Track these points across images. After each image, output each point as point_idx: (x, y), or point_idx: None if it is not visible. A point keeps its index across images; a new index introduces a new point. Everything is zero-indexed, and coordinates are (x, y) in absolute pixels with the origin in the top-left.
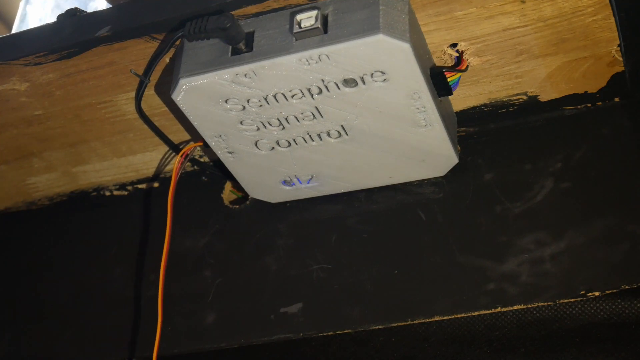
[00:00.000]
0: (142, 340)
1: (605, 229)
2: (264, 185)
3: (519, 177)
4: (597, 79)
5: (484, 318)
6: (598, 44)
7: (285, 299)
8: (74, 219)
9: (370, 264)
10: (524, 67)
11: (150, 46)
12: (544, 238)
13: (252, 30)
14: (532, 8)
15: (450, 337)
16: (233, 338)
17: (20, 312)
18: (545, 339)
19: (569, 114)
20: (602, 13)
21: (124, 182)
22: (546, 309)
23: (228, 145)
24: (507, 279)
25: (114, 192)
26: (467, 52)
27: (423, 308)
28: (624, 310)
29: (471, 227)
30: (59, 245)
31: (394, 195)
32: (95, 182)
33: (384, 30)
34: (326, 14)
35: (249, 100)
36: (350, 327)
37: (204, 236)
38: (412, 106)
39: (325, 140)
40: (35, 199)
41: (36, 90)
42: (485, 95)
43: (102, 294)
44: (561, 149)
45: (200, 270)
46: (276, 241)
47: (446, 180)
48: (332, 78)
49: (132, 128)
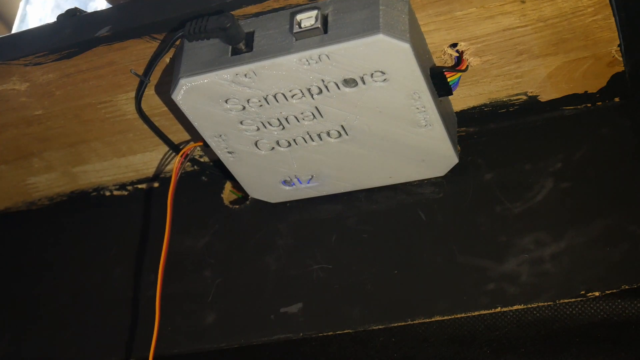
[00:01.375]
0: (142, 341)
1: (605, 229)
2: (264, 185)
3: (519, 177)
4: (597, 79)
5: (484, 318)
6: (598, 44)
7: (285, 299)
8: (74, 219)
9: (370, 264)
10: (524, 67)
11: (150, 46)
12: (544, 238)
13: (252, 30)
14: (532, 8)
15: (450, 337)
16: (233, 338)
17: (20, 312)
18: (545, 339)
19: (569, 114)
20: (602, 13)
21: (124, 182)
22: (546, 309)
23: (228, 145)
24: (507, 279)
25: (114, 192)
26: (467, 52)
27: (423, 308)
28: (624, 310)
29: (471, 227)
30: (59, 245)
31: (394, 195)
32: (95, 182)
33: (384, 30)
34: (326, 14)
35: (249, 100)
36: (350, 327)
37: (204, 236)
38: (412, 106)
39: (325, 140)
40: (35, 199)
41: (36, 90)
42: (485, 95)
43: (101, 294)
44: (561, 149)
45: (200, 270)
46: (276, 241)
47: (446, 180)
48: (332, 78)
49: (132, 128)
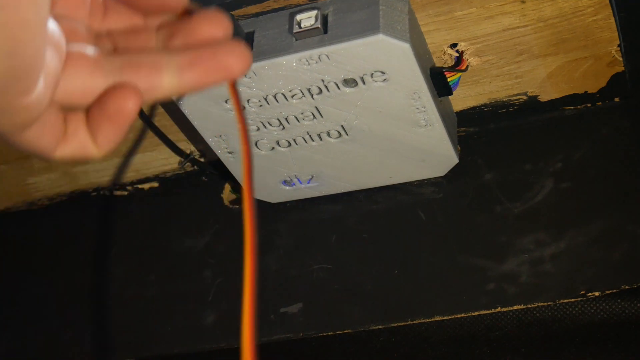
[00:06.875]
0: (142, 341)
1: (605, 229)
2: (264, 185)
3: (519, 177)
4: (597, 79)
5: (484, 318)
6: (598, 44)
7: (285, 299)
8: (74, 219)
9: (370, 264)
10: (524, 67)
11: None
12: (544, 238)
13: (252, 30)
14: (532, 8)
15: (450, 337)
16: (233, 338)
17: (20, 312)
18: (545, 339)
19: (569, 114)
20: (602, 13)
21: (124, 182)
22: (546, 309)
23: (228, 145)
24: (507, 279)
25: (114, 192)
26: (467, 52)
27: (423, 308)
28: (624, 310)
29: (471, 227)
30: (59, 245)
31: (394, 195)
32: (95, 182)
33: (384, 30)
34: (326, 14)
35: (249, 100)
36: (350, 327)
37: (204, 236)
38: (412, 106)
39: (325, 140)
40: (35, 199)
41: None
42: (485, 95)
43: (101, 294)
44: (561, 149)
45: (200, 270)
46: (276, 241)
47: (446, 180)
48: (332, 78)
49: (132, 128)
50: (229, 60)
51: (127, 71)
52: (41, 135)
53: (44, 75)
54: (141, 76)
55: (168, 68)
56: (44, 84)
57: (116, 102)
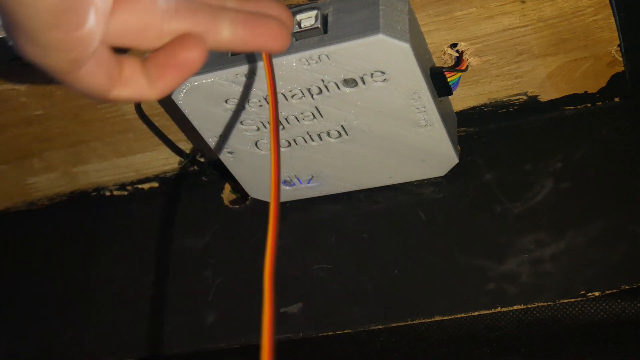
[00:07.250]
0: (142, 340)
1: (605, 229)
2: (264, 185)
3: (519, 177)
4: (597, 79)
5: (484, 318)
6: (598, 44)
7: (285, 299)
8: (74, 219)
9: (370, 264)
10: (524, 67)
11: None
12: (544, 238)
13: None
14: (532, 8)
15: (450, 337)
16: (233, 338)
17: (20, 312)
18: (545, 339)
19: (569, 114)
20: (602, 13)
21: (124, 182)
22: (546, 309)
23: (228, 145)
24: (507, 279)
25: (114, 192)
26: (467, 52)
27: (423, 308)
28: (624, 310)
29: (471, 227)
30: (59, 245)
31: (394, 195)
32: (95, 182)
33: (383, 30)
34: (326, 14)
35: (249, 100)
36: (350, 327)
37: (204, 236)
38: (412, 106)
39: (325, 140)
40: (35, 199)
41: (36, 90)
42: (485, 95)
43: (101, 293)
44: (561, 149)
45: (200, 270)
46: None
47: (446, 180)
48: (332, 78)
49: (132, 128)
50: (274, 30)
51: (184, 14)
52: (96, 75)
53: (94, 9)
54: (200, 21)
55: (223, 20)
56: (94, 17)
57: (182, 52)
